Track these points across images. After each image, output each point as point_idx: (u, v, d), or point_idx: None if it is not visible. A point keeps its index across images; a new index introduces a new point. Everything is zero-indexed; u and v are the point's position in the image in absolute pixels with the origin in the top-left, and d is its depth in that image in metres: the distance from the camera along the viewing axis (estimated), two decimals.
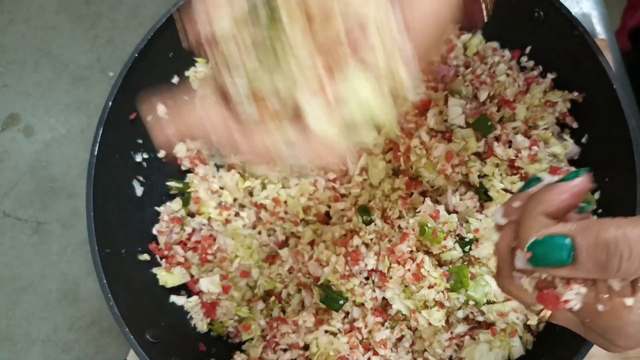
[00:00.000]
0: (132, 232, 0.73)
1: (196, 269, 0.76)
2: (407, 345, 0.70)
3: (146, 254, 0.73)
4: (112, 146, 0.69)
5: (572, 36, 0.64)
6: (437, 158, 0.67)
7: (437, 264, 0.70)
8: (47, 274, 0.85)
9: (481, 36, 0.75)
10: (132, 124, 0.72)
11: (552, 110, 0.69)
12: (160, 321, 0.70)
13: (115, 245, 0.68)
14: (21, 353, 0.82)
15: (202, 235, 0.76)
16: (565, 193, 0.36)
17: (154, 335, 0.66)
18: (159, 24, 0.71)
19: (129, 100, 0.71)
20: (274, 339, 0.73)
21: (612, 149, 0.65)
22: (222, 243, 0.76)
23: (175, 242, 0.75)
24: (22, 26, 0.96)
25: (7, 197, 0.88)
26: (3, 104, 0.93)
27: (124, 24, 0.96)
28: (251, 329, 0.75)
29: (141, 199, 0.75)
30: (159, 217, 0.76)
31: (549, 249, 0.34)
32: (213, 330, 0.74)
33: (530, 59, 0.72)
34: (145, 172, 0.75)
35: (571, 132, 0.70)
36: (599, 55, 0.63)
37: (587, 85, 0.67)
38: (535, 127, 0.68)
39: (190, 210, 0.78)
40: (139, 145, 0.74)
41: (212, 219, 0.78)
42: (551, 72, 0.70)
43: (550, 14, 0.66)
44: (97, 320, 0.83)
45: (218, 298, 0.73)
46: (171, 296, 0.74)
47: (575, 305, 0.35)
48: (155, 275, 0.73)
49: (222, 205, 0.79)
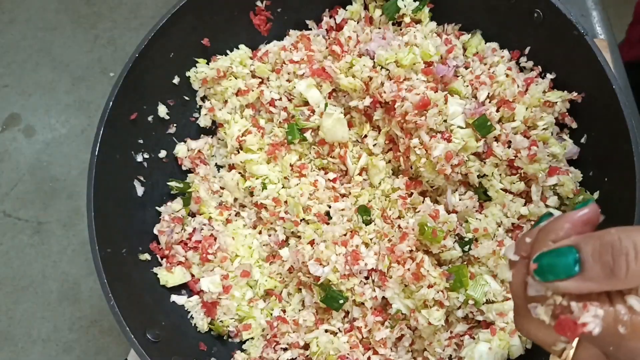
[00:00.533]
0: (133, 232, 0.73)
1: (197, 269, 0.76)
2: (407, 344, 0.70)
3: (147, 254, 0.73)
4: (113, 146, 0.70)
5: (572, 36, 0.64)
6: (437, 158, 0.67)
7: (437, 263, 0.70)
8: (47, 274, 0.85)
9: (480, 36, 0.76)
10: (132, 124, 0.73)
11: (551, 110, 0.69)
12: (160, 321, 0.70)
13: (116, 245, 0.69)
14: (22, 353, 0.82)
15: (202, 235, 0.76)
16: (573, 222, 0.36)
17: (155, 334, 0.66)
18: (160, 24, 0.71)
19: (130, 100, 0.72)
20: (274, 338, 0.73)
21: (611, 149, 0.65)
22: (223, 243, 0.76)
23: (176, 242, 0.75)
24: (23, 26, 0.97)
25: (8, 197, 0.88)
26: (4, 104, 0.93)
27: (125, 24, 0.96)
28: (251, 328, 0.75)
29: (142, 198, 0.75)
30: (160, 217, 0.76)
31: (554, 258, 0.35)
32: (213, 330, 0.74)
33: (529, 59, 0.72)
34: (146, 172, 0.75)
35: (570, 132, 0.71)
36: (598, 56, 0.63)
37: (586, 85, 0.67)
38: (534, 127, 0.68)
39: (190, 210, 0.78)
40: (139, 145, 0.74)
41: (212, 218, 0.78)
42: (550, 73, 0.70)
43: (549, 14, 0.66)
44: (98, 320, 0.83)
45: (219, 297, 0.73)
46: (172, 296, 0.74)
47: (594, 329, 0.33)
48: (156, 275, 0.73)
49: (223, 205, 0.79)
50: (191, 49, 0.77)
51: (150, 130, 0.76)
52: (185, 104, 0.80)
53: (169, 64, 0.76)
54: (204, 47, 0.78)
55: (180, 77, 0.78)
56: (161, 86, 0.76)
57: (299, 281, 0.74)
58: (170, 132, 0.78)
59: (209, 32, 0.77)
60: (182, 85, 0.78)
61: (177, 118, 0.79)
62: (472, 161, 0.69)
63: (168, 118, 0.77)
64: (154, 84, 0.75)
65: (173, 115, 0.78)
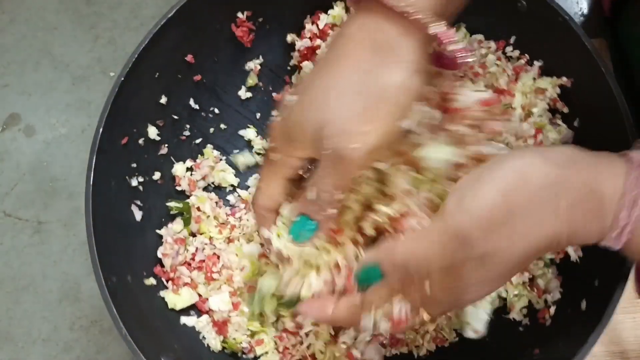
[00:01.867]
0: (136, 257, 0.72)
1: (203, 288, 0.75)
2: None
3: (152, 278, 0.72)
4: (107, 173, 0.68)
5: (557, 23, 0.65)
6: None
7: None
8: (47, 274, 0.85)
9: (465, 29, 0.76)
10: (124, 148, 0.71)
11: (543, 97, 0.70)
12: (173, 344, 0.69)
13: (121, 273, 0.67)
14: (22, 352, 0.81)
15: (205, 254, 0.75)
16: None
17: (170, 358, 0.65)
18: (160, 23, 0.70)
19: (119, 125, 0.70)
20: (287, 351, 0.73)
21: (604, 128, 0.66)
22: (227, 260, 0.75)
23: (180, 263, 0.74)
24: (22, 26, 0.96)
25: (8, 196, 0.87)
26: (3, 104, 0.92)
27: (125, 24, 0.96)
28: (264, 343, 0.74)
29: (141, 223, 0.74)
30: (162, 240, 0.75)
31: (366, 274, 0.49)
32: (227, 348, 0.74)
33: (515, 48, 0.73)
34: (143, 195, 0.74)
35: (562, 117, 0.71)
36: (584, 40, 0.64)
37: (574, 69, 0.68)
38: (529, 115, 0.69)
39: (191, 230, 0.77)
40: (133, 170, 0.73)
41: (213, 238, 0.77)
42: (537, 60, 0.71)
43: (533, 2, 0.67)
44: (98, 320, 0.83)
45: (229, 315, 0.73)
46: (181, 318, 0.73)
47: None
48: (163, 299, 0.72)
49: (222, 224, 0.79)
50: (176, 66, 0.76)
51: (143, 153, 0.75)
52: (174, 123, 0.79)
53: (155, 84, 0.75)
54: (188, 64, 0.77)
55: (168, 96, 0.76)
56: (148, 107, 0.75)
57: None
58: (162, 153, 0.77)
59: (192, 48, 0.76)
60: (170, 105, 0.77)
61: (168, 138, 0.78)
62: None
63: (159, 139, 0.76)
64: (141, 106, 0.74)
65: (163, 135, 0.77)
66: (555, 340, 0.65)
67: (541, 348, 0.65)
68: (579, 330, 0.58)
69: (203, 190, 0.80)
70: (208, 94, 0.81)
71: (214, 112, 0.82)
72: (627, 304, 0.74)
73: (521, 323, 0.71)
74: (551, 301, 0.69)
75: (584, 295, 0.63)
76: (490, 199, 0.42)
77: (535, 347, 0.65)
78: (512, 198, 0.41)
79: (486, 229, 0.41)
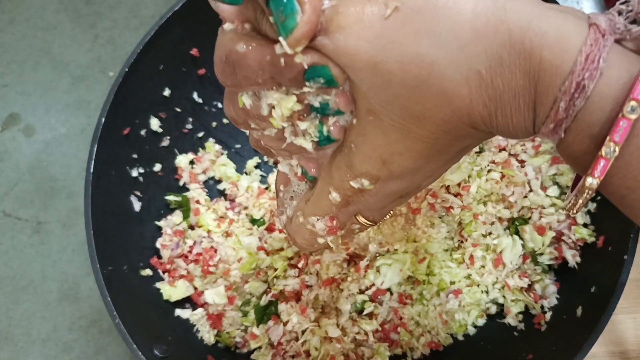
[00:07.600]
0: (133, 248, 0.72)
1: (199, 281, 0.75)
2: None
3: (148, 269, 0.73)
4: (108, 163, 0.69)
5: None
6: None
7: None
8: (47, 274, 0.85)
9: None
10: (125, 139, 0.72)
11: None
12: (167, 336, 0.69)
13: (118, 263, 0.68)
14: (21, 352, 0.82)
15: (202, 247, 0.76)
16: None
17: (162, 350, 0.65)
18: (160, 23, 0.70)
19: (122, 115, 0.71)
20: (280, 346, 0.73)
21: None
22: (224, 254, 0.75)
23: (177, 256, 0.75)
24: (22, 26, 0.96)
25: (8, 196, 0.88)
26: (3, 104, 0.93)
27: (125, 24, 0.96)
28: (258, 338, 0.74)
29: (139, 214, 0.74)
30: (162, 231, 0.75)
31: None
32: (221, 342, 0.74)
33: None
34: (142, 186, 0.75)
35: None
36: None
37: None
38: None
39: (190, 222, 0.78)
40: (134, 160, 0.74)
41: (211, 231, 0.78)
42: None
43: None
44: (97, 320, 0.83)
45: (224, 309, 0.73)
46: (176, 310, 0.73)
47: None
48: (158, 290, 0.72)
49: (221, 218, 0.79)
50: (180, 59, 0.77)
51: (144, 144, 0.75)
52: (177, 116, 0.79)
53: (159, 76, 0.75)
54: (193, 58, 0.77)
55: (171, 89, 0.77)
56: (152, 99, 0.76)
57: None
58: (164, 145, 0.78)
59: (197, 41, 0.77)
60: (173, 98, 0.77)
61: (170, 130, 0.78)
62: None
63: (161, 131, 0.76)
64: (145, 98, 0.74)
65: (166, 127, 0.77)
66: (549, 346, 0.64)
67: (534, 353, 0.64)
68: (574, 337, 0.58)
69: (203, 184, 0.81)
70: (212, 88, 0.81)
71: (217, 106, 0.83)
72: (627, 304, 0.73)
73: (516, 328, 0.70)
74: (547, 307, 0.68)
75: (580, 302, 0.63)
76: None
77: (529, 353, 0.65)
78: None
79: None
